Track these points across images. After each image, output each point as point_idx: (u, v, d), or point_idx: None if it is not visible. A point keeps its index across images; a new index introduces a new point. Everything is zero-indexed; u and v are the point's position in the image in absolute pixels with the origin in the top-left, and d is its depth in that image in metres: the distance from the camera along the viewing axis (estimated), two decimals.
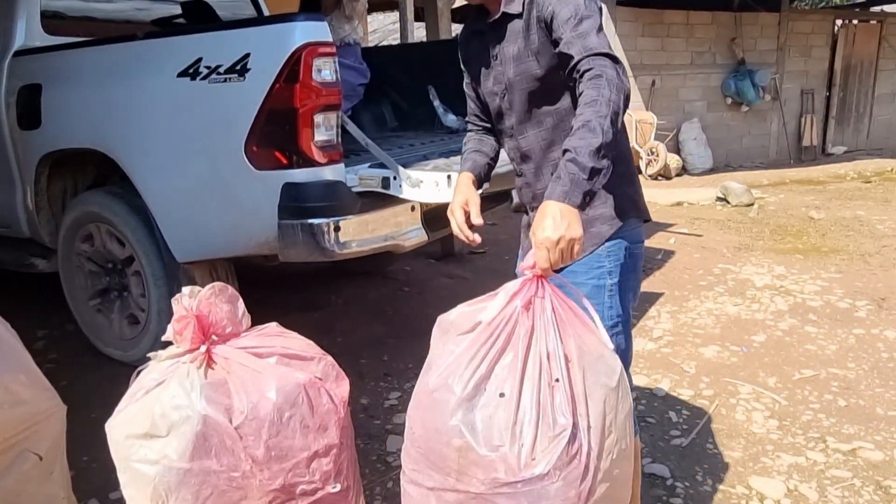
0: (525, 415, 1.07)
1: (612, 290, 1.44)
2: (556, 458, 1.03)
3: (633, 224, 1.46)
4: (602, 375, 1.13)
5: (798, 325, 3.41)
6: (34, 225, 2.95)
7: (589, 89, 1.21)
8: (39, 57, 2.73)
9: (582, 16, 1.28)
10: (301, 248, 2.20)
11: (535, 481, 1.03)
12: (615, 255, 1.43)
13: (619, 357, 1.23)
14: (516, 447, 1.05)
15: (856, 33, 9.78)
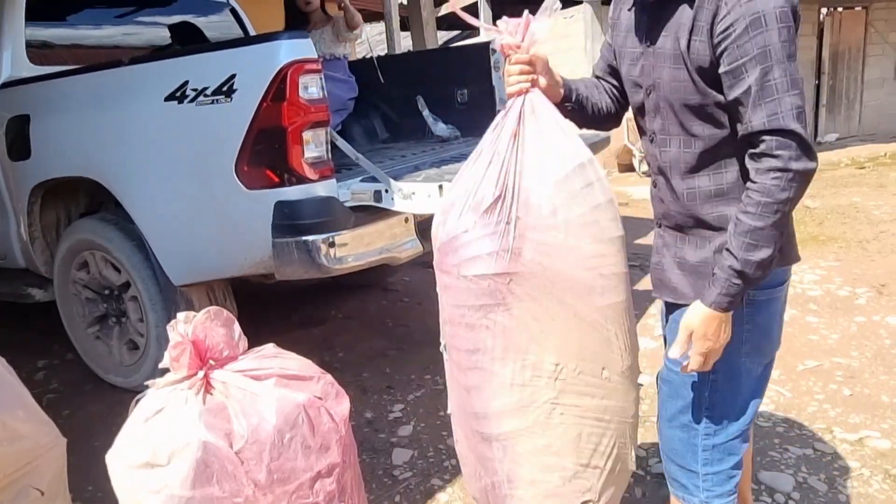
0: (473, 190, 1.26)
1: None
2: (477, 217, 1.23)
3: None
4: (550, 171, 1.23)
5: (799, 316, 3.41)
6: (29, 255, 2.94)
7: (766, 181, 1.09)
8: (26, 88, 2.73)
9: (774, 60, 1.07)
10: (297, 266, 2.19)
11: (459, 237, 1.25)
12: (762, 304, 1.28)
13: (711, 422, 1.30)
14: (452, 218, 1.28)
15: (841, 20, 9.81)
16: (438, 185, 2.14)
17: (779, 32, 1.07)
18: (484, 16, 9.22)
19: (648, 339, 3.21)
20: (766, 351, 1.34)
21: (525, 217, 1.21)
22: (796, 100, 1.08)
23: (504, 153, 1.24)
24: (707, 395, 1.32)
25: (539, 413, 1.26)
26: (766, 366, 1.36)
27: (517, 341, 1.24)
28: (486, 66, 3.36)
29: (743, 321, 1.26)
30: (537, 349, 1.24)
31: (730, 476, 1.35)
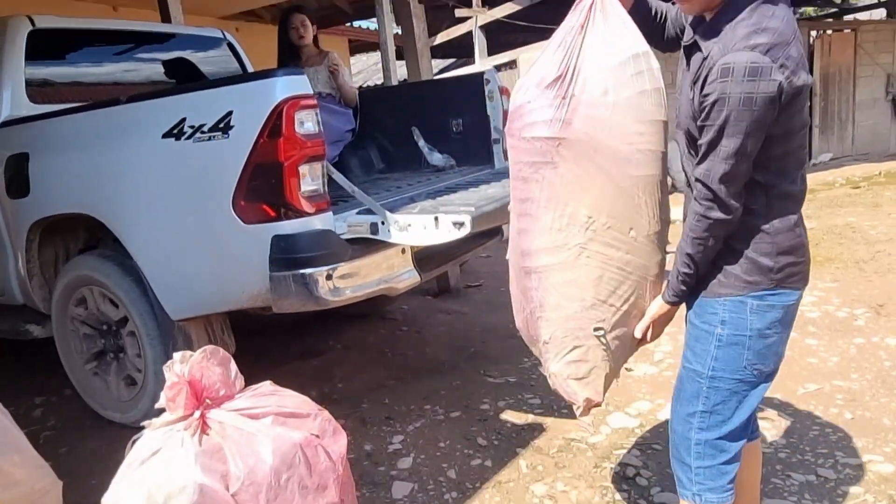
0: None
1: (722, 341, 1.45)
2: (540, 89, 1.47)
3: (758, 287, 1.42)
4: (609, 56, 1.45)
5: (798, 338, 3.40)
6: (27, 291, 2.95)
7: (692, 220, 1.39)
8: (25, 126, 2.76)
9: (725, 134, 1.29)
10: (294, 299, 2.20)
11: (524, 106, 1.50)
12: (733, 309, 1.43)
13: (704, 424, 1.49)
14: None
15: (831, 43, 9.96)
16: (434, 216, 2.16)
17: (737, 114, 1.27)
18: (479, 46, 9.35)
19: (648, 364, 3.20)
20: (768, 362, 1.46)
21: (580, 94, 1.44)
22: (727, 167, 1.30)
23: (570, 40, 1.47)
24: (705, 392, 1.47)
25: (569, 254, 1.51)
26: (768, 376, 1.48)
27: (559, 194, 1.49)
28: (481, 96, 3.41)
29: (748, 330, 1.42)
30: (575, 202, 1.49)
31: (722, 472, 1.49)
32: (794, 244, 1.40)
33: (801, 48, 1.31)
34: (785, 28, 1.28)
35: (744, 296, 1.42)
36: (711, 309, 1.45)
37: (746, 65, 1.24)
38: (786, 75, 1.26)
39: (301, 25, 3.71)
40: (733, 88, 1.26)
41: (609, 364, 1.58)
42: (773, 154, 1.34)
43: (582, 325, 1.55)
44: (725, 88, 1.26)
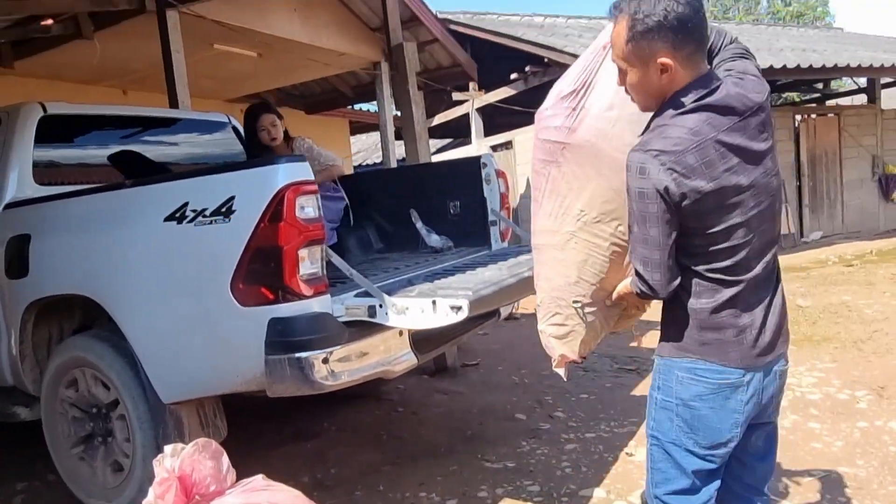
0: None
1: (657, 404, 1.61)
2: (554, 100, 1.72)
3: (682, 355, 1.56)
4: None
5: (801, 422, 3.34)
6: (18, 372, 2.90)
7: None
8: (29, 208, 2.81)
9: (632, 220, 1.50)
10: (289, 383, 2.17)
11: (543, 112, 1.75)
12: (664, 373, 1.60)
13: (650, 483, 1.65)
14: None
15: (816, 126, 10.31)
16: (432, 300, 2.17)
17: (635, 204, 1.46)
18: (475, 128, 9.64)
19: None
20: (701, 435, 1.55)
21: (589, 107, 1.66)
22: (642, 250, 1.49)
23: (591, 59, 1.68)
24: (651, 450, 1.64)
25: (561, 238, 1.75)
26: (711, 448, 1.55)
27: (559, 188, 1.73)
28: (478, 179, 3.49)
29: (674, 397, 1.57)
30: (572, 197, 1.71)
31: None
32: (722, 323, 1.51)
33: (711, 156, 1.40)
34: (686, 138, 1.40)
35: (674, 363, 1.57)
36: (655, 374, 1.63)
37: (637, 164, 1.43)
38: (673, 178, 1.39)
39: (271, 126, 3.69)
40: (631, 182, 1.46)
41: (584, 330, 1.84)
42: (697, 244, 1.48)
43: (564, 296, 1.80)
44: (627, 181, 1.47)
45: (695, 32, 1.42)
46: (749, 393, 1.53)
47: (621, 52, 1.48)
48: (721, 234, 1.46)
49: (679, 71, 1.44)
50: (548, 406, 3.80)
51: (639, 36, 1.42)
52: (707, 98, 1.42)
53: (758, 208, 1.47)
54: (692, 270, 1.52)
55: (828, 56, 9.46)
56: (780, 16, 25.53)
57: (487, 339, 5.35)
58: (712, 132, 1.41)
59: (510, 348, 5.14)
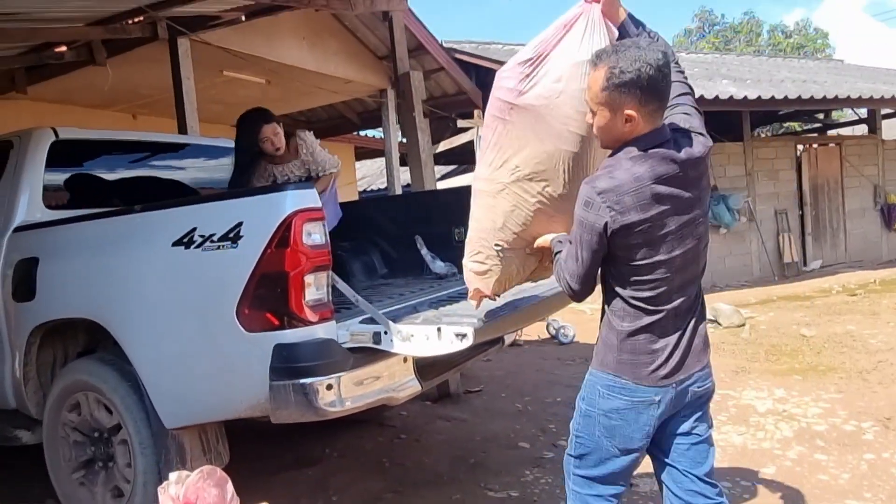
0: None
1: (581, 412, 1.86)
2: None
3: (603, 370, 1.81)
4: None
5: (807, 454, 3.31)
6: (21, 395, 2.90)
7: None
8: (38, 232, 2.83)
9: (573, 239, 1.75)
10: (293, 409, 2.16)
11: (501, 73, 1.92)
12: (590, 387, 1.84)
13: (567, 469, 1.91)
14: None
15: (817, 155, 10.38)
16: (437, 327, 2.17)
17: (577, 228, 1.72)
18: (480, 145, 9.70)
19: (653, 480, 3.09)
20: (619, 441, 1.79)
21: (540, 76, 1.83)
22: (571, 263, 1.76)
23: (552, 34, 1.84)
24: (575, 443, 1.87)
25: (495, 186, 1.98)
26: (628, 452, 1.81)
27: (501, 143, 1.93)
28: None
29: (596, 408, 1.80)
30: (511, 152, 1.92)
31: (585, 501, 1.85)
32: (637, 346, 1.75)
33: (646, 199, 1.64)
34: (628, 181, 1.64)
35: (598, 378, 1.81)
36: (584, 385, 1.86)
37: (585, 197, 1.68)
38: (611, 215, 1.64)
39: (274, 136, 3.46)
40: (577, 211, 1.71)
41: (500, 271, 2.09)
42: (623, 272, 1.72)
43: (489, 238, 2.04)
44: (576, 209, 1.72)
45: (660, 94, 1.65)
46: (661, 409, 1.76)
47: (595, 97, 1.68)
48: (645, 267, 1.69)
49: (640, 123, 1.66)
50: (551, 434, 3.77)
51: (613, 87, 1.63)
52: (655, 149, 1.65)
53: (682, 249, 1.69)
54: (620, 295, 1.75)
55: (828, 87, 9.57)
56: (780, 47, 25.85)
57: (490, 365, 5.33)
58: (651, 180, 1.63)
59: (513, 375, 5.11)
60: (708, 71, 10.77)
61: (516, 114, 1.86)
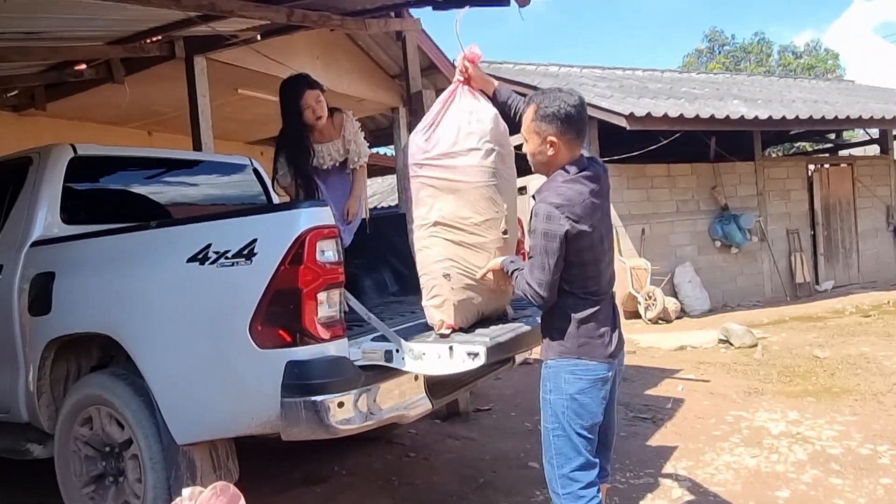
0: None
1: (551, 404, 2.13)
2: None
3: (565, 357, 2.11)
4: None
5: (822, 477, 3.27)
6: (34, 409, 2.92)
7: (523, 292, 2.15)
8: (55, 247, 2.87)
9: (534, 252, 2.06)
10: (304, 427, 2.17)
11: (408, 143, 2.54)
12: (554, 378, 2.12)
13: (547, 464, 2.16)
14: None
15: (829, 176, 10.34)
16: (449, 346, 2.17)
17: (541, 240, 2.03)
18: None
19: (665, 502, 3.06)
20: (584, 417, 2.10)
21: (438, 139, 2.42)
22: (538, 273, 2.06)
23: (440, 108, 2.45)
24: (552, 441, 2.12)
25: (425, 232, 2.47)
26: (589, 429, 2.11)
27: (420, 196, 2.47)
28: None
29: (564, 394, 2.09)
30: (430, 202, 2.45)
31: (579, 496, 2.09)
32: (590, 330, 2.10)
33: (588, 209, 2.05)
34: (575, 196, 2.04)
35: (561, 366, 2.10)
36: (545, 380, 2.14)
37: (545, 212, 2.03)
38: (570, 223, 2.01)
39: (316, 104, 3.32)
40: (539, 225, 2.03)
41: (457, 299, 2.42)
42: (574, 273, 2.08)
43: (435, 273, 2.43)
44: (535, 224, 2.04)
45: (575, 127, 2.10)
46: (609, 383, 2.14)
47: (526, 128, 2.14)
48: (591, 265, 2.09)
49: (561, 148, 2.10)
50: None
51: (539, 118, 2.10)
52: (583, 172, 2.09)
53: (607, 246, 2.16)
54: (570, 293, 2.10)
55: (839, 108, 9.56)
56: (791, 68, 25.86)
57: (500, 383, 5.31)
58: (588, 194, 2.06)
59: (523, 393, 5.08)
60: (719, 91, 10.80)
61: (424, 172, 2.42)
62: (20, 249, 2.96)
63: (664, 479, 3.33)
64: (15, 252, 2.97)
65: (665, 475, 3.39)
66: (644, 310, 8.12)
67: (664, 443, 3.86)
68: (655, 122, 7.77)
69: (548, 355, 2.14)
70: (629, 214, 8.56)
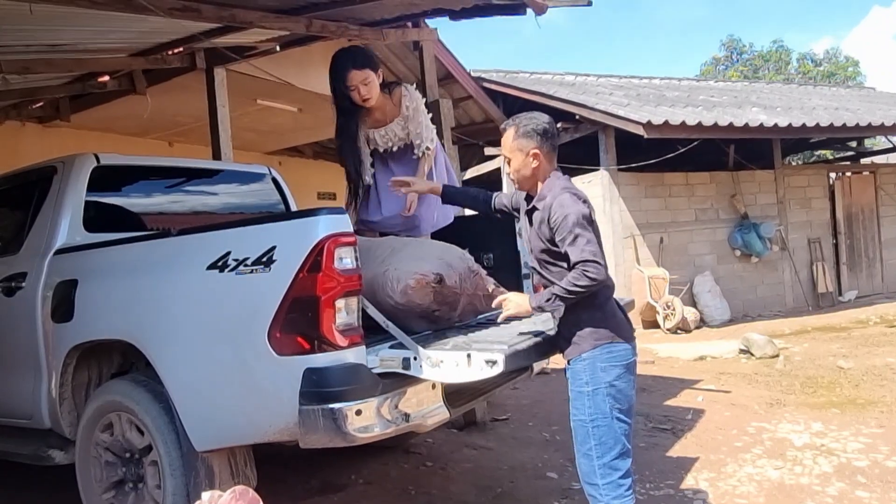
0: None
1: (590, 396, 2.20)
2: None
3: (601, 344, 2.22)
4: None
5: (848, 490, 3.20)
6: (56, 415, 2.95)
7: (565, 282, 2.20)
8: (78, 254, 2.91)
9: (577, 233, 2.17)
10: (322, 434, 2.16)
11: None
12: (590, 370, 2.21)
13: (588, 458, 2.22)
14: None
15: (851, 184, 10.19)
16: (467, 353, 2.16)
17: (576, 222, 2.17)
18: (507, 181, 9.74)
19: None
20: (622, 401, 2.21)
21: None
22: (592, 248, 2.16)
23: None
24: (592, 431, 2.20)
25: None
26: (626, 412, 2.23)
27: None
28: (511, 232, 3.52)
29: (602, 383, 2.19)
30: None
31: (619, 484, 2.19)
32: (614, 311, 2.28)
33: (588, 201, 2.28)
34: (579, 190, 2.28)
35: (595, 356, 2.20)
36: (579, 374, 2.23)
37: (575, 202, 2.21)
38: (589, 210, 2.23)
39: (362, 85, 3.03)
40: (571, 210, 2.18)
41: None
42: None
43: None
44: (564, 211, 2.18)
45: (551, 139, 2.34)
46: (635, 369, 2.28)
47: (508, 147, 2.34)
48: (601, 251, 2.21)
49: (543, 160, 2.31)
50: None
51: (520, 136, 2.32)
52: (568, 183, 2.33)
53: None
54: None
55: (861, 115, 9.43)
56: (810, 75, 25.59)
57: (517, 393, 5.27)
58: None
59: (540, 403, 5.05)
60: (737, 99, 10.72)
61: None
62: (44, 257, 3.01)
63: (685, 491, 3.28)
64: (39, 260, 3.02)
65: (686, 487, 3.34)
66: (663, 319, 8.04)
67: (684, 454, 3.81)
68: (673, 131, 7.72)
69: (581, 350, 2.23)
70: (647, 223, 8.49)
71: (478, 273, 2.85)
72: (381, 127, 3.26)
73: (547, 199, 2.27)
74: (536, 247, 2.35)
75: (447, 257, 2.81)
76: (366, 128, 3.28)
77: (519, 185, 2.41)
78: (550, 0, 4.16)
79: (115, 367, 2.99)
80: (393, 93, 3.22)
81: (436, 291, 2.63)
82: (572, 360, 2.26)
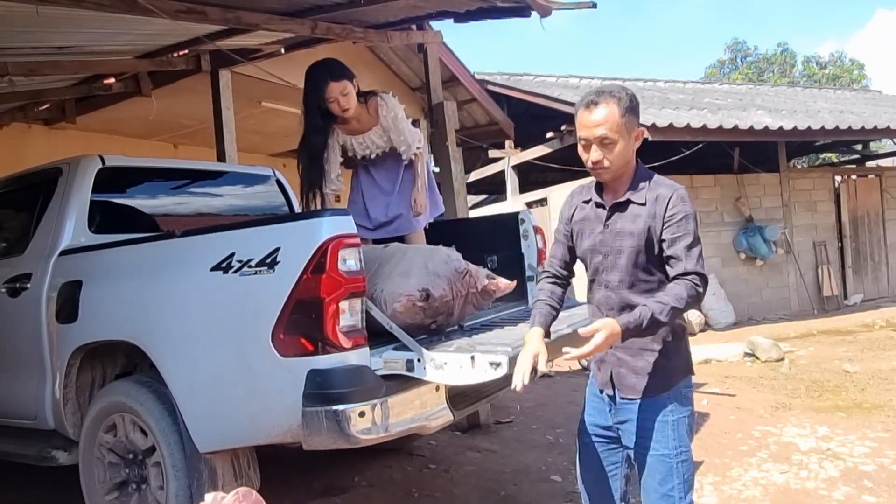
0: None
1: (685, 424, 1.91)
2: None
3: (687, 377, 1.96)
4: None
5: (854, 495, 3.18)
6: (60, 416, 2.95)
7: (673, 296, 1.80)
8: (83, 255, 2.91)
9: (696, 236, 1.84)
10: (325, 436, 2.16)
11: None
12: (687, 397, 1.93)
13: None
14: None
15: (856, 187, 10.15)
16: (471, 355, 2.15)
17: (692, 221, 1.84)
18: (511, 184, 9.75)
19: None
20: (692, 433, 1.97)
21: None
22: (702, 259, 1.85)
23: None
24: (676, 467, 1.87)
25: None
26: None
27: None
28: (516, 234, 3.51)
29: (685, 411, 1.91)
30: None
31: None
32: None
33: None
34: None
35: (683, 384, 1.92)
36: (661, 405, 1.88)
37: (686, 198, 1.86)
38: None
39: (341, 96, 3.04)
40: (691, 209, 1.85)
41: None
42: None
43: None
44: (687, 209, 1.84)
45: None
46: None
47: (616, 126, 1.81)
48: None
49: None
50: None
51: (629, 112, 1.83)
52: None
53: None
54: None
55: (866, 118, 9.40)
56: (815, 78, 25.52)
57: (521, 395, 5.24)
58: None
59: (544, 406, 5.03)
60: (742, 101, 10.69)
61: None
62: (49, 258, 3.01)
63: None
64: (44, 261, 3.03)
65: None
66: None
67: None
68: (677, 133, 7.70)
69: (672, 384, 1.89)
70: None
71: (467, 271, 2.69)
72: (358, 135, 3.26)
73: (662, 191, 1.86)
74: (627, 248, 1.86)
75: (432, 264, 2.66)
76: (343, 134, 3.27)
77: (607, 176, 1.88)
78: (555, 2, 4.15)
79: (118, 368, 2.99)
80: (369, 102, 3.22)
81: (425, 308, 2.50)
82: (667, 391, 1.90)
